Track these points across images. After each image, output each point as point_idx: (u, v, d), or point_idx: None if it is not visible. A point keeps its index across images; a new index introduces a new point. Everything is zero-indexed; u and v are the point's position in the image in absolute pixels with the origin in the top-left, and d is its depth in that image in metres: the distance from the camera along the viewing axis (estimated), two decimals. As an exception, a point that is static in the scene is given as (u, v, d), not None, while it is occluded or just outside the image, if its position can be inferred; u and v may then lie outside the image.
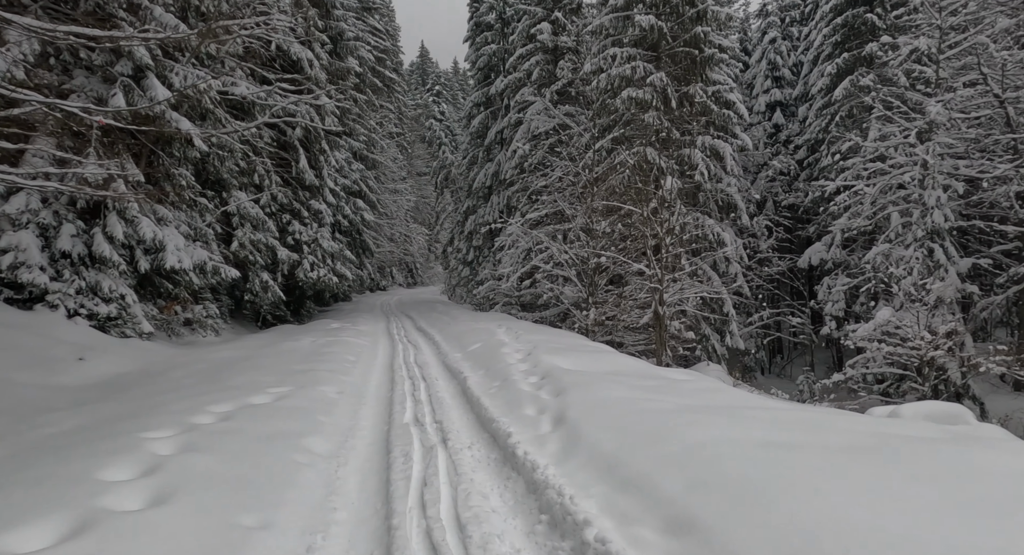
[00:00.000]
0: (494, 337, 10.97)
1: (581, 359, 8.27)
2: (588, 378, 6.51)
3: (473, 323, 14.34)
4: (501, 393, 6.49)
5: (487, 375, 7.69)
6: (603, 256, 14.94)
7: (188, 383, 6.91)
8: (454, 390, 7.34)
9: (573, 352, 8.94)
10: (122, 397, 6.36)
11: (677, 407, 4.98)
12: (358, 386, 7.17)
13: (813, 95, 20.93)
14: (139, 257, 10.49)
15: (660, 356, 13.92)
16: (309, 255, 16.06)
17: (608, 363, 8.18)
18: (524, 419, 5.28)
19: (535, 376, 7.15)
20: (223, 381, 6.77)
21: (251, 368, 7.77)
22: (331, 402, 5.91)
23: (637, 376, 7.02)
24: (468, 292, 29.10)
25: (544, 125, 22.16)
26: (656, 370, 7.87)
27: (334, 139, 17.63)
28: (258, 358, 8.73)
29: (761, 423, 4.37)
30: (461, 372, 8.10)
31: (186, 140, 10.59)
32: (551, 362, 7.83)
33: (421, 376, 8.23)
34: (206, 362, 8.74)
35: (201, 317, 13.24)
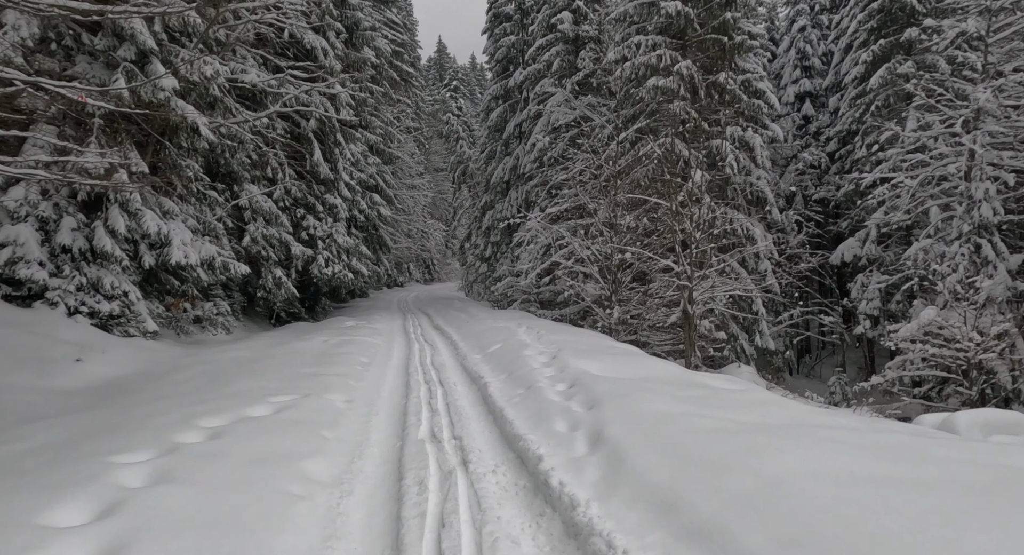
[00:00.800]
0: (515, 337, 10.30)
1: (610, 363, 7.57)
2: (622, 387, 5.80)
3: (492, 321, 13.68)
4: (526, 403, 5.81)
5: (510, 380, 7.02)
6: (628, 252, 14.19)
7: (186, 389, 6.31)
8: (474, 398, 6.66)
9: (601, 355, 8.23)
10: (112, 405, 5.77)
11: (734, 426, 4.26)
12: (370, 393, 6.52)
13: (845, 85, 19.94)
14: (143, 252, 9.95)
15: (689, 357, 13.16)
16: (324, 251, 15.49)
17: (640, 368, 7.46)
18: (555, 436, 4.59)
19: (563, 383, 6.46)
20: (223, 387, 6.16)
21: (256, 371, 7.16)
22: (338, 413, 5.26)
23: (675, 384, 6.30)
24: (486, 289, 28.47)
25: (564, 117, 21.42)
26: (694, 377, 7.13)
27: (349, 131, 17.03)
28: (265, 360, 8.14)
29: (838, 448, 3.64)
30: (481, 377, 7.44)
31: (192, 129, 10.02)
32: (579, 366, 7.14)
33: (438, 380, 7.58)
34: (210, 364, 8.16)
35: (211, 315, 12.72)
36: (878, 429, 4.62)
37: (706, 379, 7.03)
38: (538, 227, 18.95)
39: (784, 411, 5.03)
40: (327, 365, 7.57)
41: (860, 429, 4.42)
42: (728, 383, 7.07)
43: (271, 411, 5.03)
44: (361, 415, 5.52)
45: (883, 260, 17.69)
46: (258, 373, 7.00)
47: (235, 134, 12.23)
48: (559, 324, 13.72)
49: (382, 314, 17.51)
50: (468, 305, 22.86)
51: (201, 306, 12.76)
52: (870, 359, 20.13)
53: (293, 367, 7.39)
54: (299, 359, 8.09)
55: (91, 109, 9.51)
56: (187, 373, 7.40)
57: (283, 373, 6.94)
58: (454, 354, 10.06)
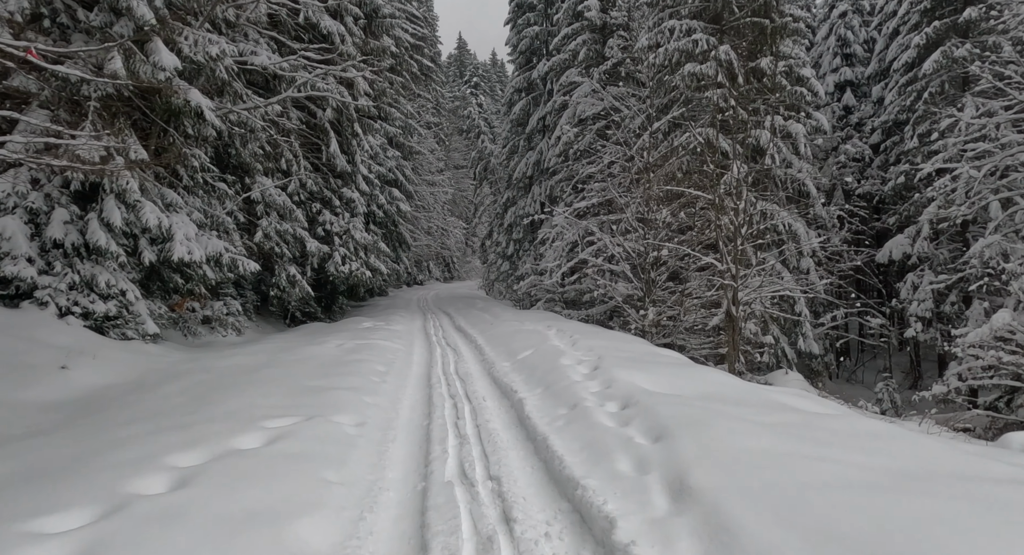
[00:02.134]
0: (547, 342, 9.24)
1: (662, 375, 6.48)
2: (690, 410, 4.72)
3: (518, 323, 12.63)
4: (573, 428, 4.75)
5: (548, 396, 5.96)
6: (665, 248, 13.04)
7: (171, 405, 5.34)
8: (508, 419, 5.61)
9: (648, 365, 7.15)
10: (80, 426, 4.82)
11: (862, 474, 3.16)
12: (386, 412, 5.50)
13: (892, 72, 18.54)
14: (143, 247, 9.04)
15: (732, 363, 11.99)
16: (340, 247, 14.55)
17: (698, 381, 6.36)
18: (620, 481, 3.53)
19: (613, 401, 5.39)
20: (214, 404, 5.19)
21: (257, 383, 6.18)
22: (347, 443, 4.24)
23: (752, 405, 5.19)
24: (507, 287, 27.43)
25: (591, 108, 20.28)
26: (769, 394, 6.01)
27: (368, 122, 16.09)
28: (271, 368, 7.17)
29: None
30: (514, 390, 6.39)
31: (197, 114, 9.08)
32: (627, 379, 6.06)
33: (465, 394, 6.54)
34: (210, 372, 7.21)
35: (221, 315, 11.83)
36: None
37: (783, 397, 5.90)
38: (564, 223, 17.91)
39: (908, 446, 3.91)
40: (339, 376, 6.57)
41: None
42: (807, 401, 5.94)
43: (263, 441, 4.02)
44: (375, 443, 4.49)
45: (936, 258, 16.32)
46: (259, 385, 6.02)
47: (245, 122, 11.30)
48: (592, 327, 12.62)
49: (401, 314, 16.54)
50: (490, 304, 21.84)
51: (210, 306, 11.88)
52: (916, 364, 18.75)
53: (300, 378, 6.40)
54: (308, 368, 7.11)
55: (87, 91, 8.63)
56: (181, 384, 6.44)
57: (287, 386, 5.95)
58: (480, 360, 9.03)
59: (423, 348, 10.44)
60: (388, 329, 11.99)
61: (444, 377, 7.61)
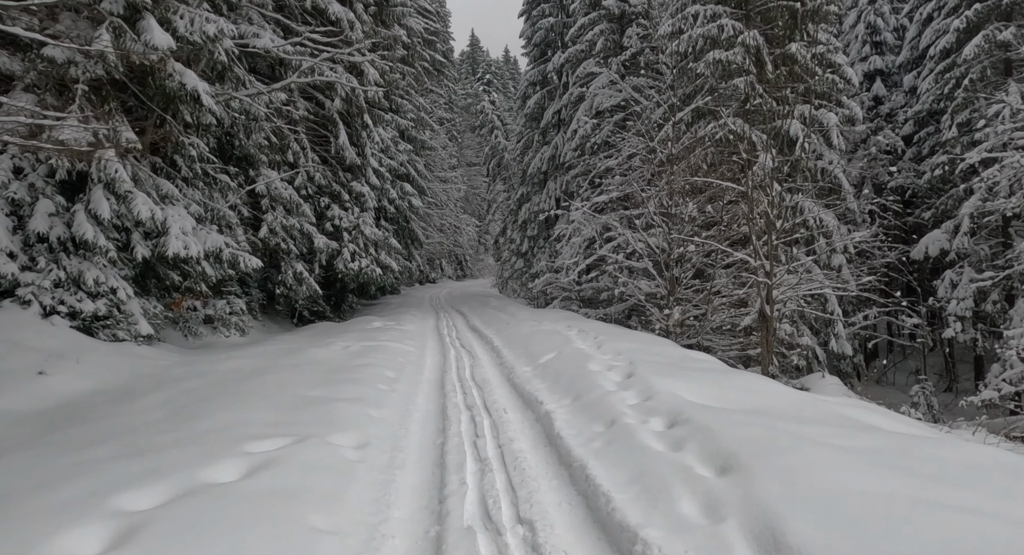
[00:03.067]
0: (570, 344, 8.44)
1: (703, 383, 5.67)
2: (751, 429, 3.91)
3: (536, 323, 11.84)
4: (614, 450, 3.96)
5: (579, 409, 5.17)
6: (693, 243, 12.19)
7: (148, 420, 4.61)
8: (535, 436, 4.83)
9: (686, 371, 6.33)
10: (36, 447, 4.09)
11: (1013, 535, 2.36)
12: (393, 428, 4.73)
13: (927, 59, 17.52)
14: (136, 242, 8.34)
15: (766, 366, 11.12)
16: (350, 243, 13.82)
17: (744, 390, 5.54)
18: (689, 531, 2.73)
19: (657, 417, 4.59)
20: (197, 419, 4.45)
21: (251, 392, 5.44)
22: (345, 472, 3.47)
23: (815, 421, 4.37)
24: (522, 285, 26.64)
25: (609, 100, 19.43)
26: (829, 407, 5.17)
27: (378, 114, 15.37)
28: (269, 373, 6.43)
29: None
30: (539, 401, 5.61)
31: (193, 98, 8.36)
32: (667, 389, 5.26)
33: (483, 405, 5.77)
34: (203, 377, 6.49)
35: (224, 314, 11.14)
36: None
37: (850, 411, 5.06)
38: (581, 219, 17.10)
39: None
40: (342, 383, 5.82)
41: None
42: (886, 419, 5.09)
43: (242, 472, 3.26)
44: (378, 471, 3.72)
45: (976, 255, 15.31)
46: (252, 396, 5.28)
47: (248, 109, 10.59)
48: (615, 327, 11.80)
49: (413, 313, 15.81)
50: (505, 303, 21.07)
51: (212, 305, 11.19)
52: (951, 365, 17.72)
53: (299, 386, 5.65)
54: (309, 374, 6.36)
55: (75, 73, 7.94)
56: (166, 393, 5.71)
57: (284, 396, 5.20)
58: (497, 364, 8.25)
59: (436, 350, 9.68)
60: (399, 329, 11.24)
61: (459, 384, 6.84)
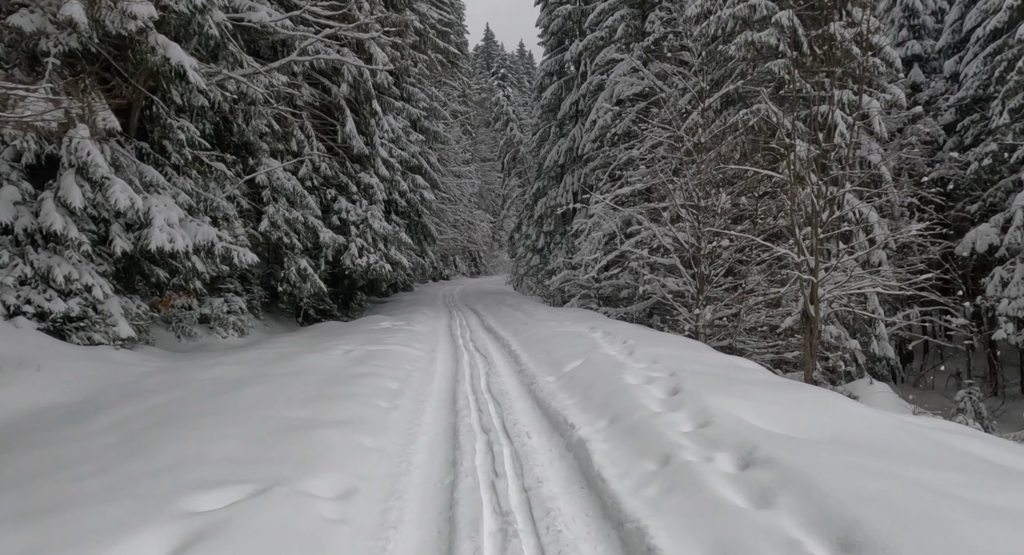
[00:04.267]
0: (598, 349, 7.42)
1: (764, 400, 4.63)
2: (863, 479, 2.88)
3: (556, 324, 10.83)
4: (677, 503, 2.95)
5: (620, 435, 4.15)
6: (728, 237, 11.11)
7: (87, 451, 3.66)
8: (567, 473, 3.82)
9: (739, 385, 5.29)
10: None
11: None
12: (391, 463, 3.74)
13: (972, 42, 16.22)
14: (115, 235, 7.43)
15: (809, 371, 10.03)
16: (357, 238, 12.88)
17: (817, 409, 4.49)
18: None
19: (724, 452, 3.55)
20: (144, 452, 3.50)
21: (223, 413, 4.49)
22: (315, 546, 2.48)
23: (939, 462, 3.31)
24: (537, 282, 25.63)
25: (630, 88, 18.32)
26: (932, 434, 4.10)
27: (388, 101, 14.42)
28: (253, 385, 5.48)
29: None
30: (569, 422, 4.60)
31: (178, 74, 7.43)
32: (725, 410, 4.23)
33: (502, 427, 4.77)
34: (177, 390, 5.56)
35: (221, 313, 10.25)
36: None
37: (958, 440, 4.00)
38: (602, 212, 16.07)
39: None
40: (335, 400, 4.85)
41: None
42: (1002, 450, 4.03)
43: (166, 551, 2.28)
44: (365, 537, 2.72)
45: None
46: (224, 416, 4.32)
47: (245, 92, 9.66)
48: (643, 329, 10.74)
49: (425, 312, 14.85)
50: (521, 301, 20.07)
51: (209, 303, 10.30)
52: (995, 368, 16.45)
53: (283, 404, 4.69)
54: (300, 386, 5.41)
55: (45, 46, 7.04)
56: (126, 410, 4.78)
57: (261, 418, 4.24)
58: (516, 372, 7.25)
59: (448, 354, 8.70)
60: (408, 330, 10.28)
61: (473, 396, 5.85)
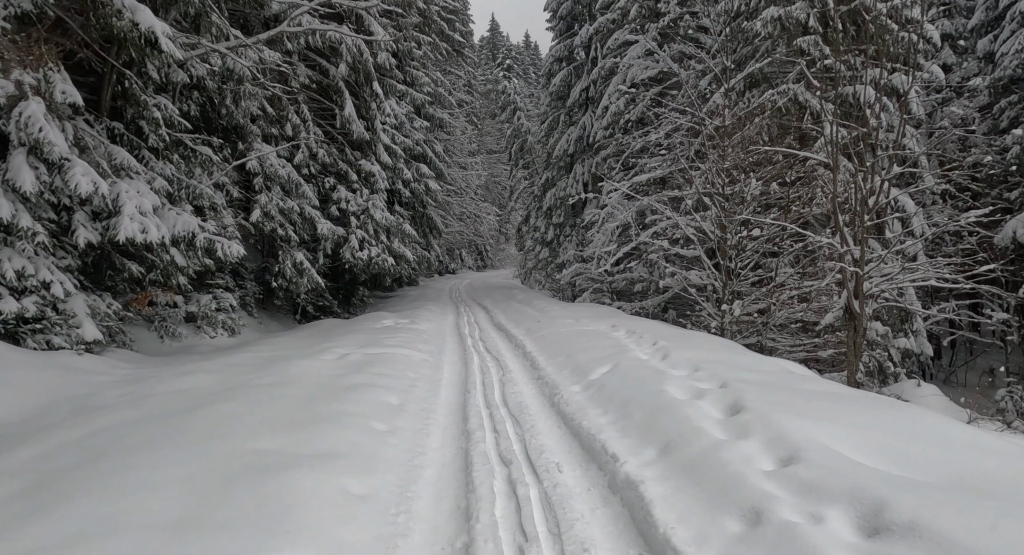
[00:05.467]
0: (626, 353, 6.44)
1: (853, 423, 3.64)
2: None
3: (573, 321, 9.86)
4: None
5: (678, 473, 3.18)
6: (759, 226, 10.09)
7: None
8: (616, 525, 2.84)
9: (809, 399, 4.32)
10: None
11: None
12: (384, 522, 2.77)
13: (1009, 19, 15.07)
14: (79, 224, 6.49)
15: (853, 373, 9.02)
16: (358, 229, 11.93)
17: (919, 433, 3.50)
18: None
19: (834, 507, 2.56)
20: (56, 509, 2.56)
21: (174, 444, 3.55)
22: None
23: None
24: (547, 276, 24.64)
25: (645, 72, 17.24)
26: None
27: (391, 84, 13.42)
28: (224, 401, 4.53)
29: None
30: (609, 451, 3.64)
31: (148, 42, 6.46)
32: (808, 437, 3.25)
33: (525, 456, 3.81)
34: (134, 408, 4.62)
35: (209, 311, 9.32)
36: None
37: None
38: (616, 202, 15.10)
39: None
40: (320, 422, 3.90)
41: None
42: None
43: None
44: None
45: (1077, 240, 12.96)
46: (171, 451, 3.38)
47: (232, 68, 8.68)
48: (669, 327, 9.74)
49: (431, 308, 13.90)
50: (531, 296, 19.10)
51: (196, 300, 9.38)
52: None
53: (253, 429, 3.74)
54: (280, 402, 4.46)
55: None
56: (60, 437, 3.83)
57: (217, 453, 3.29)
58: (534, 378, 6.28)
59: (456, 357, 7.74)
60: (413, 329, 9.32)
61: (487, 412, 4.89)
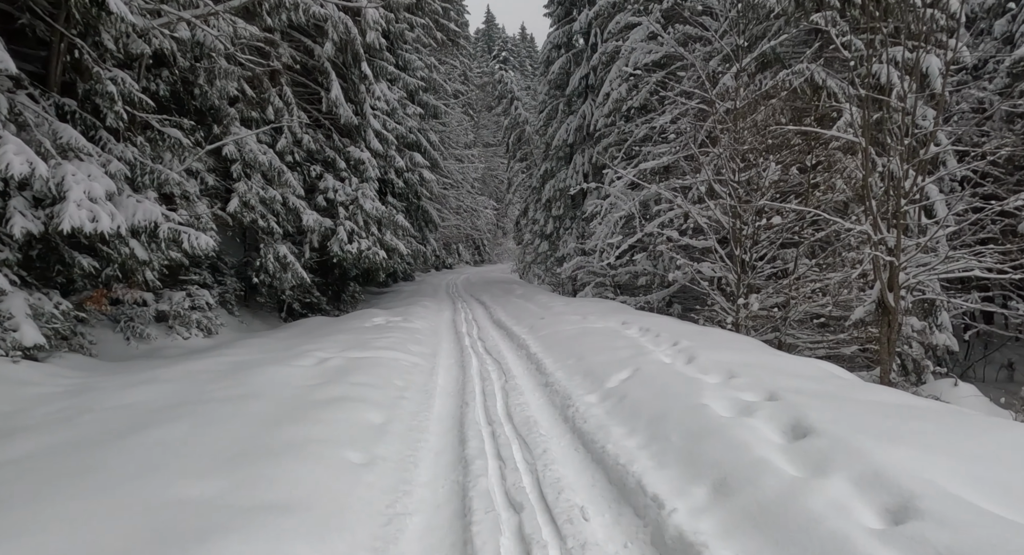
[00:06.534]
0: (645, 355, 5.58)
1: (958, 450, 2.78)
2: None
3: (579, 318, 9.01)
4: None
5: (745, 526, 2.34)
6: (779, 213, 9.24)
7: None
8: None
9: (890, 417, 3.46)
10: None
11: None
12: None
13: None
14: (15, 211, 5.59)
15: (887, 372, 8.19)
16: (347, 220, 11.03)
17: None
18: None
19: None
20: None
21: (90, 480, 2.69)
22: None
23: None
24: (546, 270, 23.78)
25: (648, 56, 16.34)
26: None
27: (381, 65, 12.49)
28: (168, 423, 3.67)
29: None
30: (649, 492, 2.79)
31: (95, 3, 5.55)
32: (920, 475, 2.38)
33: (539, 495, 2.95)
34: (66, 428, 3.75)
35: (182, 310, 8.44)
36: None
37: None
38: (620, 191, 14.28)
39: None
40: (276, 456, 3.04)
41: None
42: None
43: None
44: None
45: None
46: (69, 502, 2.52)
47: (202, 42, 7.77)
48: (684, 323, 8.87)
49: (426, 304, 13.02)
50: (531, 291, 18.24)
51: (168, 298, 8.50)
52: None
53: (188, 466, 2.88)
54: (235, 423, 3.60)
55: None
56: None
57: (129, 506, 2.44)
58: (541, 385, 5.43)
59: (452, 359, 6.88)
60: (405, 328, 8.45)
61: (489, 431, 4.04)
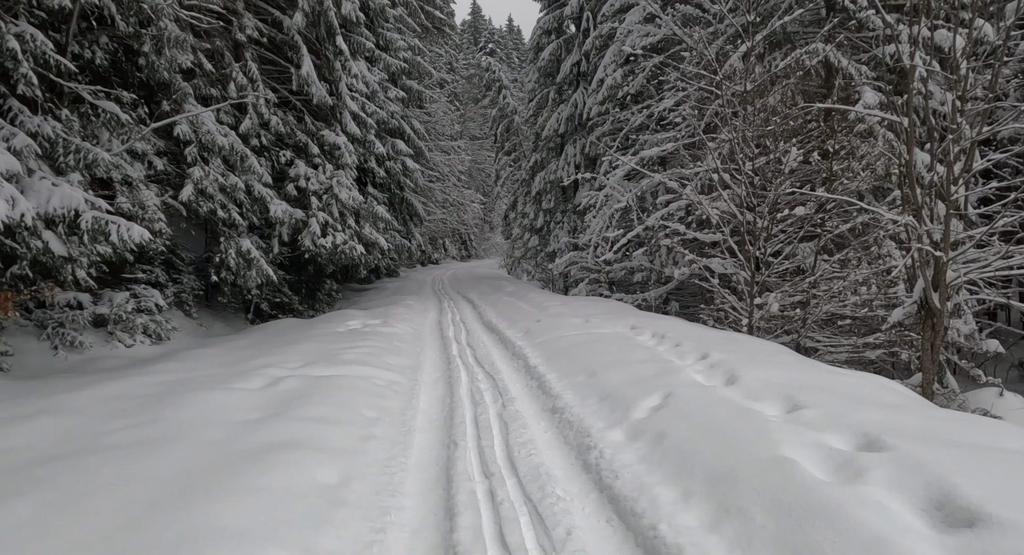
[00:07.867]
0: (674, 373, 4.49)
1: None
2: None
3: (582, 321, 7.91)
4: None
5: None
6: (803, 203, 8.21)
7: None
8: None
9: (1007, 462, 2.41)
10: None
11: None
12: None
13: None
14: None
15: (929, 383, 7.19)
16: (320, 212, 9.82)
17: None
18: None
19: None
20: None
21: None
22: None
23: None
24: (536, 266, 22.69)
25: (645, 39, 15.24)
26: None
27: (358, 41, 11.25)
28: (34, 488, 2.53)
29: None
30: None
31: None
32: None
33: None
34: None
35: (124, 313, 7.21)
36: None
37: None
38: (615, 184, 13.28)
39: None
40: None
41: None
42: None
43: None
44: None
45: None
46: None
47: (157, 6, 6.53)
48: (702, 328, 7.79)
49: (409, 303, 11.85)
50: (522, 288, 17.14)
51: (108, 299, 7.26)
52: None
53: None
54: (115, 499, 2.45)
55: None
56: None
57: None
58: (548, 412, 4.32)
59: (438, 373, 5.75)
60: (383, 333, 7.29)
61: (487, 490, 2.93)
